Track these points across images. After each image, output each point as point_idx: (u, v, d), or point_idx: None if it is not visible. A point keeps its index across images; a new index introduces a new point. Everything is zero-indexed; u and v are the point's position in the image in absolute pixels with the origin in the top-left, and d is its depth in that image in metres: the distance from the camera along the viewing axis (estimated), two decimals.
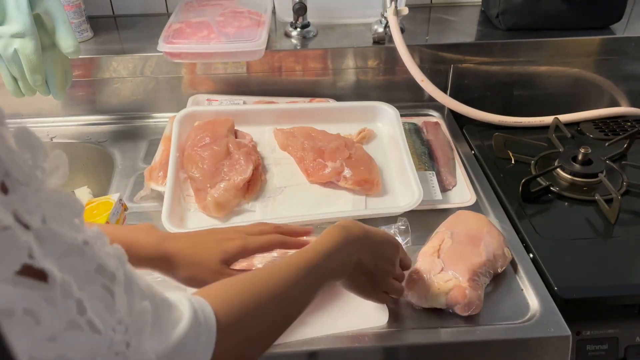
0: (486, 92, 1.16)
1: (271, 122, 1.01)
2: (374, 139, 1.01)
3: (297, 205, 0.87)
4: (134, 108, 1.13)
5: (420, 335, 0.68)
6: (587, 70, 1.16)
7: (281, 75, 1.13)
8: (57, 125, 1.11)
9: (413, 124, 1.08)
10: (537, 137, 1.04)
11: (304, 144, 0.93)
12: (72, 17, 1.09)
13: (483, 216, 0.80)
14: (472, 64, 1.13)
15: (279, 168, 0.94)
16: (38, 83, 0.87)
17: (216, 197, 0.83)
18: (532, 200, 0.90)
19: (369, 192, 0.89)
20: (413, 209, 0.83)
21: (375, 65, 1.13)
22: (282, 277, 0.52)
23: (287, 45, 1.12)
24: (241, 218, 0.85)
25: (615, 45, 1.14)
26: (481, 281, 0.71)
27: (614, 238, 0.84)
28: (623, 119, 1.11)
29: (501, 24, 1.15)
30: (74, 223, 0.32)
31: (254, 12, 1.15)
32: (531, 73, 1.15)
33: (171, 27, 1.09)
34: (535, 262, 0.78)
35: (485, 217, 0.80)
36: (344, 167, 0.89)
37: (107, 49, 1.11)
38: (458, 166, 0.97)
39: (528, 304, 0.72)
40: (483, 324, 0.69)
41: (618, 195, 0.85)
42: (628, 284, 0.75)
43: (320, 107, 1.05)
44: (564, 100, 1.17)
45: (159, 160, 0.94)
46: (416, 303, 0.70)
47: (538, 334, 0.68)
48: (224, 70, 1.11)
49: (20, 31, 0.81)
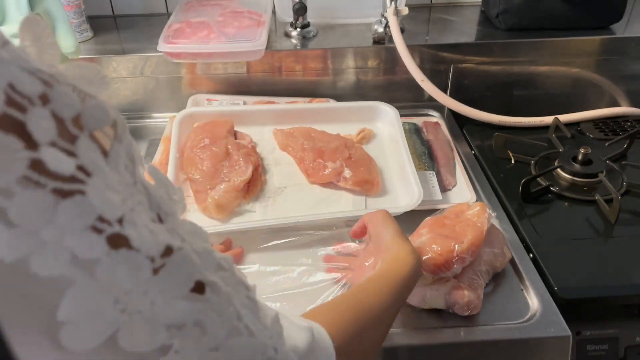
0: (486, 92, 1.16)
1: (271, 122, 1.01)
2: (373, 139, 1.01)
3: (297, 206, 0.87)
4: (134, 108, 1.13)
5: (420, 335, 0.68)
6: (587, 70, 1.16)
7: (281, 75, 1.13)
8: None
9: (413, 124, 1.08)
10: (537, 137, 1.04)
11: (304, 144, 0.93)
12: (72, 17, 1.09)
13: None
14: (472, 64, 1.13)
15: (279, 168, 0.94)
16: None
17: (216, 199, 0.83)
18: (532, 200, 0.90)
19: (369, 192, 0.89)
20: (413, 209, 0.83)
21: (375, 65, 1.13)
22: (385, 306, 0.54)
23: (287, 45, 1.12)
24: (241, 219, 0.84)
25: (615, 45, 1.14)
26: (480, 281, 0.71)
27: (614, 238, 0.84)
28: (623, 119, 1.11)
29: (501, 24, 1.15)
30: (207, 247, 0.34)
31: (254, 12, 1.15)
32: (531, 73, 1.15)
33: (171, 27, 1.09)
34: (535, 262, 0.78)
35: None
36: (344, 168, 0.89)
37: (107, 49, 1.11)
38: (458, 166, 0.97)
39: (528, 304, 0.72)
40: (483, 324, 0.69)
41: (618, 195, 0.85)
42: (628, 284, 0.75)
43: (320, 108, 1.05)
44: (564, 100, 1.17)
45: (159, 160, 0.94)
46: (416, 304, 0.70)
47: (538, 334, 0.68)
48: (224, 70, 1.11)
49: None
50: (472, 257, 0.70)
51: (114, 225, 0.26)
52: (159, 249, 0.28)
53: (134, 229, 0.27)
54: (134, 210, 0.28)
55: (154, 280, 0.28)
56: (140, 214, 0.28)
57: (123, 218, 0.26)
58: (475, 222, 0.73)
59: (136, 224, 0.27)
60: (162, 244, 0.28)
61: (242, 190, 0.86)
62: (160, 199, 0.31)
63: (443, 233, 0.72)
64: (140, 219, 0.28)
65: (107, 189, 0.26)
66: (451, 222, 0.74)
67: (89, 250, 0.25)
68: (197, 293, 0.30)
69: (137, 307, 0.27)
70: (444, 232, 0.72)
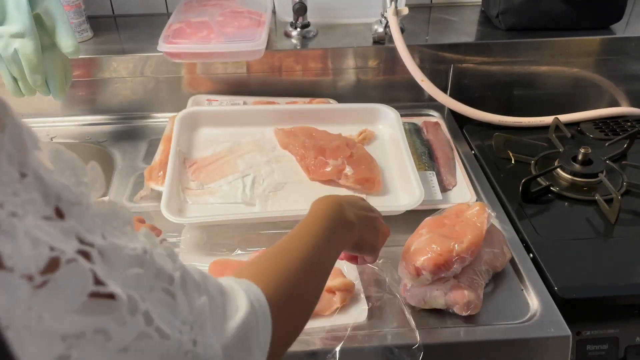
0: (486, 92, 1.16)
1: (271, 122, 1.01)
2: (374, 140, 1.01)
3: (297, 201, 0.87)
4: (134, 108, 1.13)
5: (420, 335, 0.67)
6: (587, 70, 1.16)
7: (281, 75, 1.13)
8: (57, 125, 1.11)
9: (413, 124, 1.08)
10: (537, 137, 1.04)
11: (305, 142, 0.94)
12: (72, 17, 1.09)
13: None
14: (472, 64, 1.13)
15: (280, 165, 0.94)
16: (38, 83, 0.87)
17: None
18: (532, 200, 0.90)
19: (369, 191, 0.89)
20: (413, 209, 0.83)
21: (375, 65, 1.12)
22: (310, 246, 0.53)
23: (287, 45, 1.12)
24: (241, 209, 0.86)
25: (615, 45, 1.14)
26: (480, 281, 0.71)
27: (614, 238, 0.83)
28: (623, 119, 1.11)
29: (501, 24, 1.15)
30: (127, 231, 0.32)
31: (254, 12, 1.15)
32: (531, 73, 1.15)
33: (171, 27, 1.09)
34: (535, 262, 0.78)
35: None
36: (345, 165, 0.89)
37: (107, 49, 1.11)
38: (458, 166, 0.97)
39: (528, 304, 0.72)
40: (483, 324, 0.69)
41: (618, 195, 0.85)
42: (628, 284, 0.75)
43: (321, 109, 1.05)
44: (564, 100, 1.17)
45: (159, 160, 0.93)
46: (416, 304, 0.70)
47: (538, 334, 0.68)
48: (224, 70, 1.11)
49: (20, 31, 0.81)
50: (472, 257, 0.70)
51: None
52: (39, 265, 0.25)
53: (10, 242, 0.24)
54: (16, 215, 0.25)
55: (37, 296, 0.25)
56: (26, 217, 0.26)
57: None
58: (475, 222, 0.73)
59: (15, 234, 0.25)
60: (44, 257, 0.26)
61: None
62: (62, 188, 0.28)
63: (443, 233, 0.72)
64: (22, 225, 0.25)
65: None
66: (451, 222, 0.74)
67: None
68: (96, 300, 0.28)
69: (23, 322, 0.25)
70: (444, 232, 0.72)
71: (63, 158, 0.30)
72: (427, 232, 0.73)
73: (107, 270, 0.29)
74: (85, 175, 0.31)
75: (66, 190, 0.29)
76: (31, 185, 0.27)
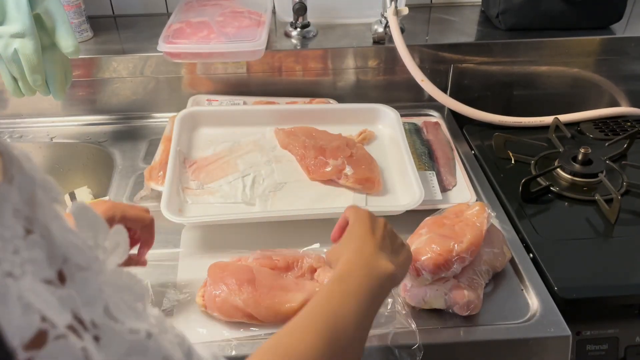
0: (486, 92, 1.16)
1: (271, 122, 1.01)
2: (374, 140, 1.01)
3: (297, 201, 0.87)
4: (134, 108, 1.13)
5: (420, 335, 0.67)
6: (587, 70, 1.16)
7: (281, 75, 1.13)
8: (57, 125, 1.11)
9: (413, 124, 1.08)
10: (537, 137, 1.04)
11: (305, 142, 0.94)
12: (72, 17, 1.09)
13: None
14: (472, 64, 1.13)
15: (280, 165, 0.94)
16: (38, 83, 0.87)
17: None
18: (532, 200, 0.90)
19: (369, 190, 0.89)
20: (413, 209, 0.83)
21: (375, 65, 1.13)
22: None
23: (287, 45, 1.12)
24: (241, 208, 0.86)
25: (615, 45, 1.14)
26: (480, 280, 0.71)
27: (614, 238, 0.83)
28: (623, 119, 1.11)
29: (501, 24, 1.15)
30: (137, 308, 0.30)
31: (254, 12, 1.15)
32: (531, 73, 1.15)
33: (171, 27, 1.09)
34: (535, 262, 0.78)
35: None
36: (346, 165, 0.89)
37: (107, 49, 1.11)
38: (458, 166, 0.97)
39: (528, 304, 0.72)
40: (483, 324, 0.69)
41: (618, 195, 0.85)
42: (628, 284, 0.75)
43: (321, 109, 1.05)
44: (564, 100, 1.17)
45: (159, 160, 0.94)
46: (416, 304, 0.70)
47: (538, 334, 0.68)
48: (224, 70, 1.11)
49: (20, 31, 0.81)
50: (471, 257, 0.70)
51: None
52: (24, 338, 0.23)
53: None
54: (11, 276, 0.23)
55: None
56: (23, 278, 0.23)
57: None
58: (475, 222, 0.73)
59: (6, 296, 0.22)
60: (33, 328, 0.23)
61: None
62: (73, 249, 0.26)
63: (442, 233, 0.72)
64: (17, 287, 0.23)
65: None
66: (451, 222, 0.74)
67: None
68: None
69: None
70: (444, 232, 0.72)
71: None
72: (427, 232, 0.73)
73: (101, 355, 0.26)
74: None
75: (77, 252, 0.27)
76: (36, 243, 0.25)
